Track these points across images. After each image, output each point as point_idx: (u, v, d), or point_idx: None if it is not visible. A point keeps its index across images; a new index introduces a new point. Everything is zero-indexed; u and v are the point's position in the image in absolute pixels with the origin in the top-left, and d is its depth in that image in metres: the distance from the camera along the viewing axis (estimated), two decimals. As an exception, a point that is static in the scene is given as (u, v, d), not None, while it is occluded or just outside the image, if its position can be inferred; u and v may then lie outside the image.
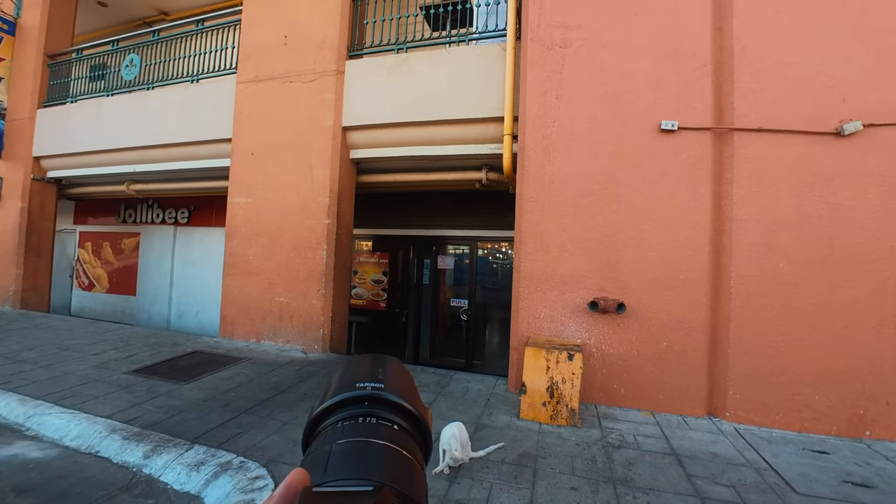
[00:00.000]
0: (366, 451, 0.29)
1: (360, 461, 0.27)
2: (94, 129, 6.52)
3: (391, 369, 0.36)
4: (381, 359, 0.38)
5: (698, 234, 3.41)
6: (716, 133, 3.46)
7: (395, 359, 0.38)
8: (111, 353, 4.71)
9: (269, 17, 5.24)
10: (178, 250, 8.29)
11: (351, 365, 0.37)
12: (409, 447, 0.31)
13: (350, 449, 0.29)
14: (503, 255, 6.94)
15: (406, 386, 0.35)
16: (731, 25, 3.48)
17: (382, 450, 0.29)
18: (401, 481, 0.27)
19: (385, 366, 0.37)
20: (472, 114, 4.41)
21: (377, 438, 0.30)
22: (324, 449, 0.29)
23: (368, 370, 0.36)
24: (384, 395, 0.33)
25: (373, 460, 0.28)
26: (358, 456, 0.28)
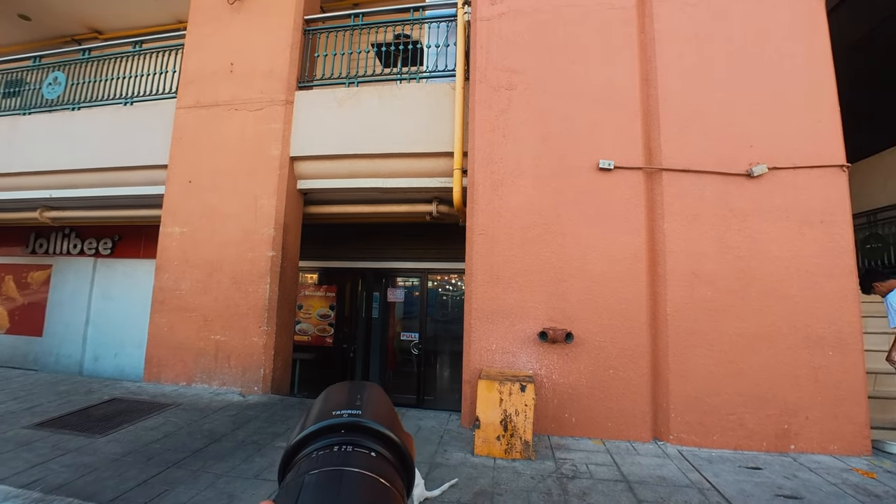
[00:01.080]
0: (339, 480, 0.27)
1: (333, 492, 0.26)
2: (5, 150, 5.92)
3: (369, 395, 0.36)
4: (360, 385, 0.37)
5: (636, 265, 3.66)
6: (647, 172, 3.80)
7: (375, 384, 0.37)
8: (9, 403, 4.11)
9: (214, 44, 5.15)
10: (98, 285, 7.54)
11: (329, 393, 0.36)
12: (388, 475, 0.30)
13: (323, 479, 0.27)
14: (454, 287, 6.99)
15: (385, 412, 0.34)
16: (655, 77, 3.91)
17: (358, 478, 0.28)
18: None
19: (363, 392, 0.36)
20: (422, 148, 4.53)
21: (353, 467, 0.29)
22: (296, 480, 0.28)
23: (346, 397, 0.35)
24: (361, 421, 0.32)
25: (347, 490, 0.27)
26: (331, 486, 0.27)
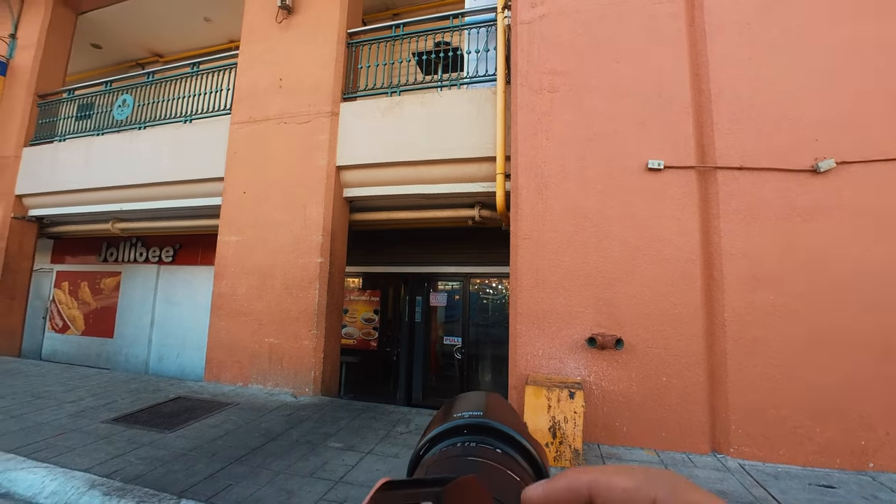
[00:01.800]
0: (460, 464, 0.27)
1: (452, 470, 0.26)
2: (83, 168, 6.54)
3: (491, 400, 0.36)
4: (480, 393, 0.37)
5: (690, 268, 3.53)
6: (700, 171, 3.66)
7: (495, 393, 0.38)
8: (88, 400, 4.52)
9: (264, 62, 5.46)
10: (161, 290, 8.14)
11: (450, 401, 0.37)
12: (516, 471, 0.29)
13: (443, 464, 0.28)
14: (496, 291, 6.99)
15: (510, 417, 0.33)
16: (707, 71, 3.76)
17: (480, 465, 0.27)
18: (501, 492, 0.25)
19: (484, 398, 0.36)
20: (464, 154, 4.58)
21: (475, 456, 0.28)
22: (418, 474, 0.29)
23: (467, 403, 0.35)
24: (484, 421, 0.31)
25: (466, 469, 0.26)
26: (450, 467, 0.27)
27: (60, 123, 7.18)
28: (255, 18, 5.63)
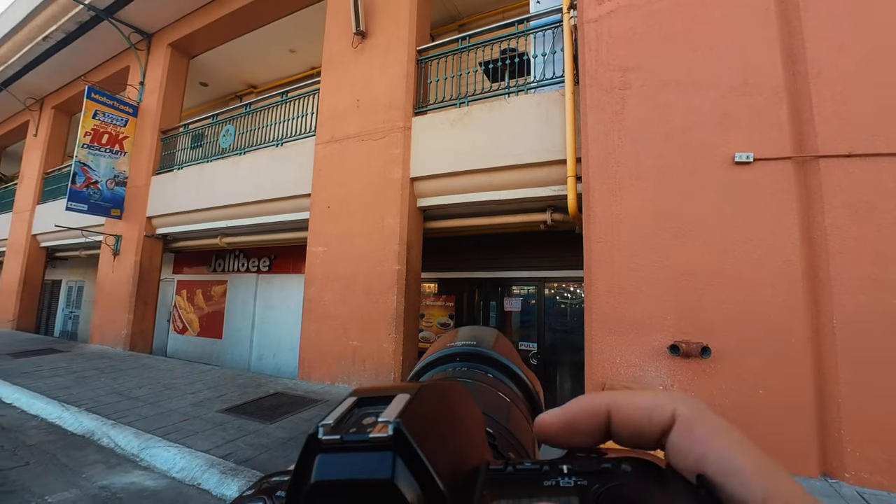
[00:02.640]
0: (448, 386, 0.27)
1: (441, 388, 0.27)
2: (196, 191, 7.61)
3: (487, 332, 0.36)
4: (476, 327, 0.37)
5: (788, 269, 3.24)
6: (798, 162, 3.34)
7: (493, 328, 0.37)
8: (205, 392, 5.26)
9: (343, 85, 5.96)
10: (260, 296, 9.15)
11: (444, 334, 0.36)
12: (508, 395, 0.29)
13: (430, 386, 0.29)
14: (573, 296, 6.86)
15: (505, 347, 0.34)
16: (802, 50, 3.43)
17: (469, 384, 0.27)
18: (493, 411, 0.25)
19: (480, 331, 0.36)
20: (533, 158, 4.62)
21: (465, 378, 0.28)
22: None
23: (462, 335, 0.35)
24: (478, 350, 0.32)
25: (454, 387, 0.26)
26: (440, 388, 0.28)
27: (178, 154, 8.43)
28: (333, 47, 6.18)
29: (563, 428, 0.22)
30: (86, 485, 3.07)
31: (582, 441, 0.22)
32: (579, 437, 0.22)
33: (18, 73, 10.96)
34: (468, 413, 0.22)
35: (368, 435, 0.17)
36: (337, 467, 0.17)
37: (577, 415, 0.22)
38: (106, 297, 8.80)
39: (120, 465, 3.44)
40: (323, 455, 0.17)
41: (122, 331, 8.24)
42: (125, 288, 8.35)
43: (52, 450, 3.70)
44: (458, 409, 0.21)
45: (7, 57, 10.55)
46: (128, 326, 8.18)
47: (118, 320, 8.36)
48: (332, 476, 0.17)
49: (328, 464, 0.17)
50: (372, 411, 0.18)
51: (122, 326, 8.25)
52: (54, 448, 3.74)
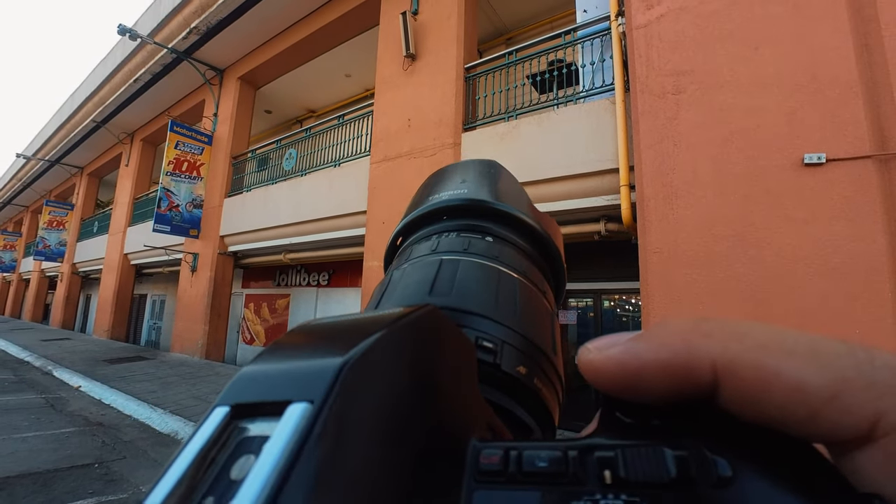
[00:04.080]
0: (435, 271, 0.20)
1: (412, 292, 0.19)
2: (262, 211, 8.31)
3: (479, 170, 0.27)
4: (465, 163, 0.28)
5: (872, 278, 3.00)
6: (880, 160, 3.11)
7: (491, 161, 0.28)
8: (272, 400, 5.69)
9: (395, 106, 6.31)
10: (320, 309, 9.70)
11: (426, 181, 0.28)
12: (518, 266, 0.22)
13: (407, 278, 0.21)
14: (634, 308, 6.66)
15: (505, 187, 0.25)
16: (879, 40, 3.22)
17: (466, 268, 0.20)
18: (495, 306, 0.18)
19: (469, 169, 0.27)
20: (584, 168, 4.63)
21: (455, 254, 0.21)
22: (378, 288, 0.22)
23: (446, 180, 0.27)
24: (470, 200, 0.23)
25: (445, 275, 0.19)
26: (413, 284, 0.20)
27: (246, 177, 9.26)
28: (385, 70, 6.57)
29: (625, 379, 0.14)
30: (173, 479, 3.46)
31: (649, 401, 0.14)
32: (652, 395, 0.14)
33: (114, 111, 12.59)
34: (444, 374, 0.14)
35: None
36: None
37: (651, 364, 0.14)
38: (185, 309, 9.75)
39: (200, 463, 3.83)
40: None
41: (199, 341, 9.08)
42: (201, 301, 9.21)
43: (143, 446, 4.20)
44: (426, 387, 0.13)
45: (106, 98, 12.18)
46: (203, 337, 9.01)
47: (195, 331, 9.23)
48: None
49: None
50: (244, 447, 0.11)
51: (199, 337, 9.09)
52: (146, 445, 4.25)
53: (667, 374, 0.13)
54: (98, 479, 3.38)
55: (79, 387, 6.58)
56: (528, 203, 0.26)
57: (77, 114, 13.82)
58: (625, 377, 0.14)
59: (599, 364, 0.15)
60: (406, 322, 0.13)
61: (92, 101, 12.80)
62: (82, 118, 13.67)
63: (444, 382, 0.14)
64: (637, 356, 0.14)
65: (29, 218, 22.92)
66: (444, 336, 0.15)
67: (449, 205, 0.25)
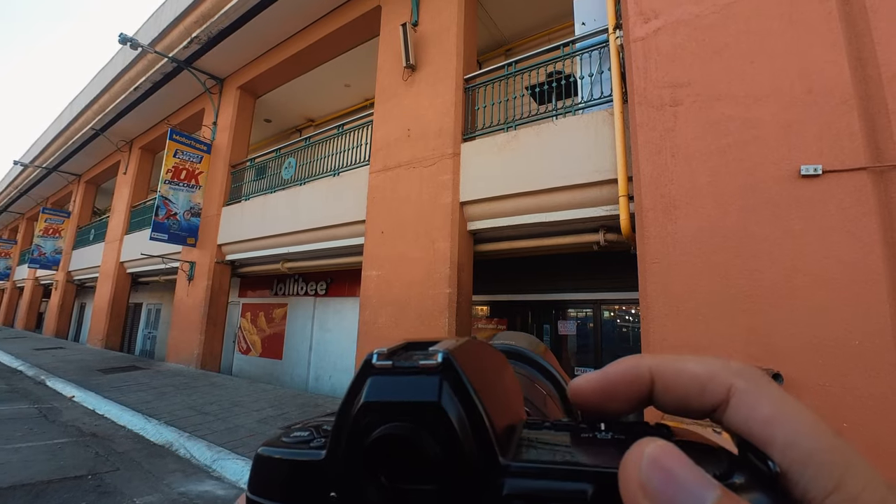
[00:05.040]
0: None
1: None
2: (260, 220, 8.34)
3: (528, 338, 0.36)
4: (516, 332, 0.36)
5: (870, 288, 3.03)
6: (875, 172, 3.16)
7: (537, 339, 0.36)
8: (268, 410, 5.66)
9: (394, 116, 6.39)
10: (317, 319, 9.69)
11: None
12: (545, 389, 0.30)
13: None
14: (634, 319, 6.68)
15: (545, 353, 0.34)
16: (873, 53, 3.29)
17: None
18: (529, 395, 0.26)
19: (520, 336, 0.37)
20: (583, 179, 4.68)
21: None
22: None
23: (500, 337, 0.36)
24: (515, 348, 0.32)
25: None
26: None
27: (245, 186, 9.30)
28: (385, 80, 6.66)
29: (600, 392, 0.21)
30: (167, 490, 3.44)
31: (620, 408, 0.21)
32: (617, 403, 0.21)
33: (113, 119, 12.68)
34: (508, 374, 0.23)
35: (418, 362, 0.18)
36: (387, 389, 0.18)
37: (616, 378, 0.21)
38: (181, 318, 9.73)
39: (195, 475, 3.82)
40: (374, 377, 0.18)
41: (195, 350, 9.05)
42: (197, 310, 9.20)
43: (137, 458, 4.17)
44: (500, 365, 0.22)
45: (105, 106, 12.27)
46: (199, 346, 8.98)
47: (191, 341, 9.20)
48: (381, 397, 0.18)
49: (379, 385, 0.18)
50: (421, 351, 0.19)
51: (195, 346, 9.06)
52: (139, 456, 4.22)
53: (626, 381, 0.21)
54: (91, 490, 3.36)
55: (72, 397, 6.55)
56: (557, 364, 0.38)
57: (76, 121, 13.91)
58: (602, 390, 0.21)
59: (585, 385, 0.21)
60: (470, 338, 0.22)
61: (91, 109, 12.90)
62: (81, 126, 13.76)
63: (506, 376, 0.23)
64: (607, 374, 0.21)
65: (24, 225, 22.92)
66: (505, 360, 0.24)
67: (500, 349, 0.33)
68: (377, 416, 0.18)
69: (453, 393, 0.18)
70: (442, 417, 0.17)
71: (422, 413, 0.17)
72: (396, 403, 0.18)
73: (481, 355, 0.21)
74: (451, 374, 0.18)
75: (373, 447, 0.17)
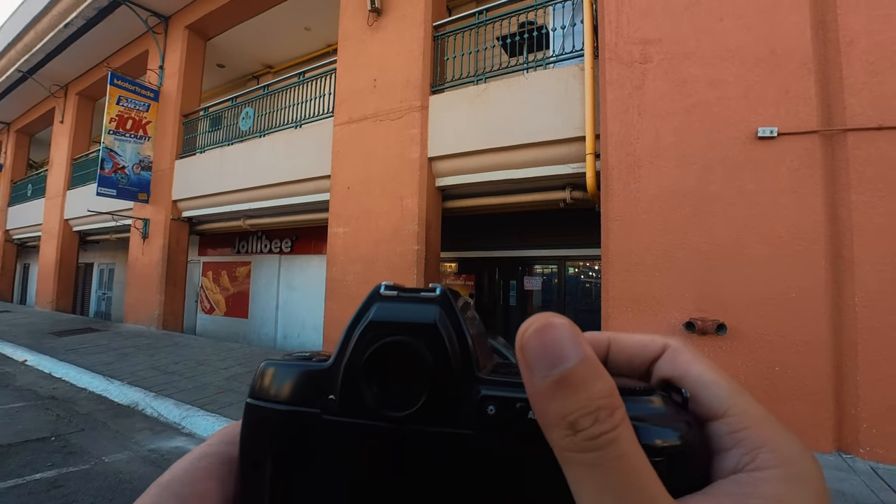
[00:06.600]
0: None
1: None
2: (218, 174, 7.97)
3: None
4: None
5: (810, 246, 3.29)
6: (824, 136, 3.34)
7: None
8: (236, 368, 5.69)
9: (359, 64, 6.10)
10: (283, 277, 9.58)
11: None
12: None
13: None
14: (596, 274, 6.97)
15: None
16: (834, 17, 3.39)
17: None
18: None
19: None
20: (552, 135, 4.70)
21: None
22: None
23: None
24: None
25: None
26: None
27: (199, 138, 8.79)
28: (348, 25, 6.30)
29: None
30: (136, 448, 3.48)
31: None
32: None
33: (42, 60, 11.47)
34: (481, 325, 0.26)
35: (420, 293, 0.22)
36: (391, 312, 0.21)
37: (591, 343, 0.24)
38: (137, 278, 9.40)
39: (164, 432, 3.86)
40: (381, 303, 0.22)
41: (155, 311, 8.83)
42: (155, 270, 8.90)
43: (102, 418, 4.16)
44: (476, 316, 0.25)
45: (31, 45, 11.05)
46: (160, 307, 8.76)
47: (150, 301, 8.95)
48: (387, 318, 0.21)
49: (385, 309, 0.22)
50: (417, 290, 0.23)
51: (155, 307, 8.83)
52: (104, 417, 4.20)
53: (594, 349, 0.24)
54: (56, 451, 3.35)
55: (24, 361, 6.34)
56: None
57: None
58: None
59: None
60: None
61: (15, 49, 11.58)
62: (5, 67, 12.39)
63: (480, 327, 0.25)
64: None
65: (-51, 178, 20.96)
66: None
67: None
68: (381, 331, 0.21)
69: (447, 318, 0.21)
70: (437, 335, 0.21)
71: (420, 331, 0.21)
72: (399, 323, 0.21)
73: (464, 302, 0.24)
74: (446, 304, 0.22)
75: (375, 354, 0.21)
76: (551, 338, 0.17)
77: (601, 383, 0.17)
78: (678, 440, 0.18)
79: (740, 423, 0.19)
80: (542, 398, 0.17)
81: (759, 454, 0.18)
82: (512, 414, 0.20)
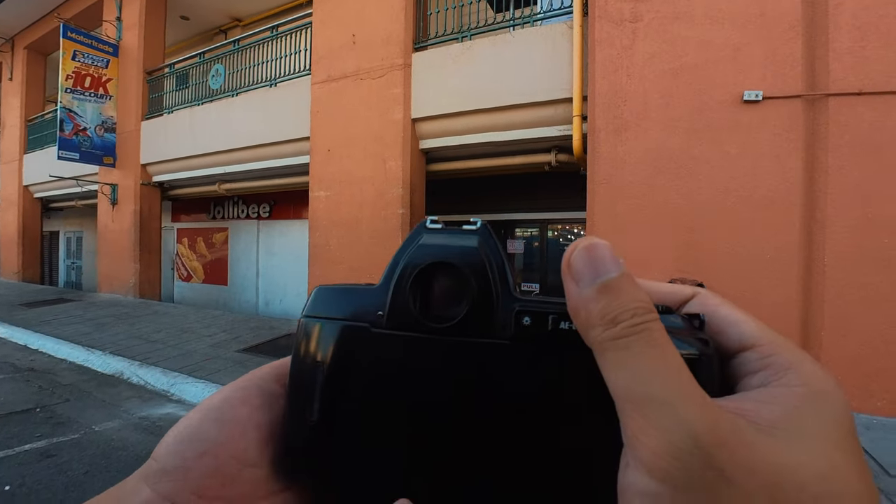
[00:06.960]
0: None
1: None
2: (189, 136, 7.61)
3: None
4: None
5: (786, 209, 3.41)
6: (807, 100, 3.40)
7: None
8: (221, 335, 5.66)
9: (337, 18, 5.79)
10: (262, 242, 9.41)
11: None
12: None
13: None
14: (576, 237, 7.09)
15: None
16: (826, -22, 3.37)
17: None
18: None
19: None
20: (539, 97, 4.63)
21: None
22: None
23: None
24: None
25: None
26: None
27: (166, 97, 8.31)
28: (325, -26, 5.92)
29: None
30: (126, 416, 3.48)
31: None
32: None
33: (-17, 7, 10.47)
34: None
35: (462, 227, 0.24)
36: (438, 239, 0.24)
37: None
38: (109, 246, 9.07)
39: (153, 399, 3.86)
40: (428, 233, 0.25)
41: (130, 279, 8.60)
42: (127, 237, 8.60)
43: (87, 388, 4.12)
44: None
45: (-32, -11, 10.03)
46: (135, 275, 8.53)
47: (125, 269, 8.70)
48: (435, 243, 0.24)
49: (432, 238, 0.24)
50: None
51: (130, 275, 8.60)
52: (89, 386, 4.16)
53: None
54: (43, 422, 3.32)
55: (-4, 331, 6.15)
56: None
57: (-69, 8, 11.34)
58: None
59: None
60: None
61: (-51, -7, 10.51)
62: (-61, 14, 11.26)
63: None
64: None
65: None
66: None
67: None
68: (430, 252, 0.24)
69: (487, 246, 0.24)
70: (478, 258, 0.23)
71: (464, 254, 0.23)
72: (446, 246, 0.24)
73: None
74: (486, 235, 0.24)
75: (423, 272, 0.24)
76: (597, 254, 0.19)
77: (639, 291, 0.19)
78: (696, 351, 0.20)
79: (770, 350, 0.20)
80: (586, 302, 0.19)
81: (785, 374, 0.19)
82: (546, 324, 0.22)
